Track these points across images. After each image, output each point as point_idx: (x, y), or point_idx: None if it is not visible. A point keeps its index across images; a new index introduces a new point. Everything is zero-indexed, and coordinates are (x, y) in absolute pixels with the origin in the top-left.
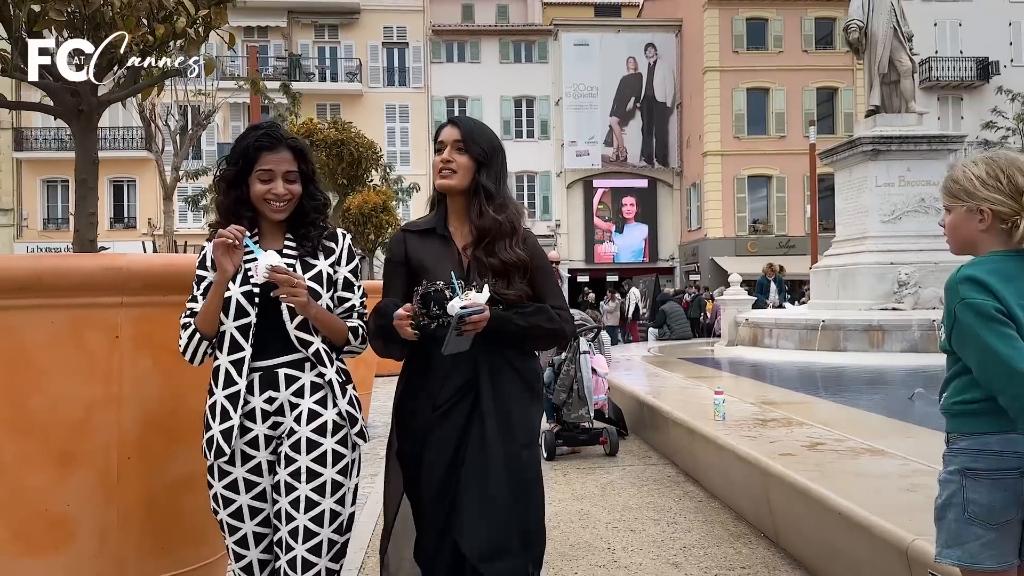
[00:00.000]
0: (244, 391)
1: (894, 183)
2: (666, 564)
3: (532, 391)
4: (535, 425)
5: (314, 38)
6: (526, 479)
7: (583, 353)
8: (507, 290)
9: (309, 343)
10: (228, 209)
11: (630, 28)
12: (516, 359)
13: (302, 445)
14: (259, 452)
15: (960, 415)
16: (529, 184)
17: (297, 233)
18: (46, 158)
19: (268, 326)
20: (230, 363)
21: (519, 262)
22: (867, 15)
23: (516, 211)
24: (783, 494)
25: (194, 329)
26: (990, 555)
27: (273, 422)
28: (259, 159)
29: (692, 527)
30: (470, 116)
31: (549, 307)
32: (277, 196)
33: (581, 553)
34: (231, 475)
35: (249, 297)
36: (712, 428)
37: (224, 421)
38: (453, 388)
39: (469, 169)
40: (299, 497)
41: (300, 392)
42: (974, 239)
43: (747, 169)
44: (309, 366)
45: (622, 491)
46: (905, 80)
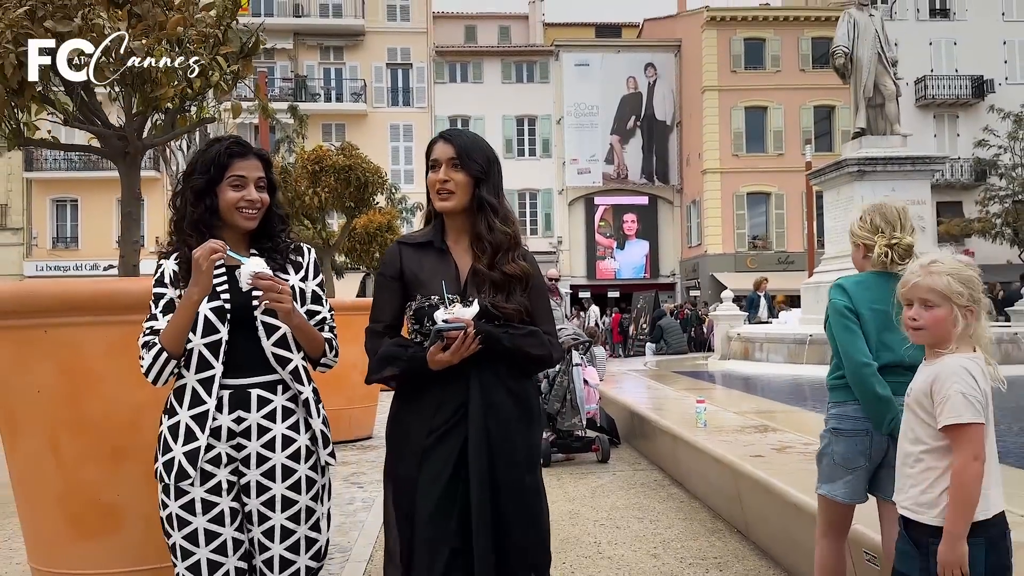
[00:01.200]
0: (213, 409)
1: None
2: (646, 555)
3: (528, 413)
4: (536, 448)
5: (319, 59)
6: (530, 504)
7: (575, 365)
8: (506, 304)
9: (288, 360)
10: (197, 221)
11: (630, 48)
12: (509, 379)
13: (277, 472)
14: (220, 470)
15: (833, 388)
16: (531, 201)
17: (262, 247)
18: (56, 178)
19: (241, 344)
20: (198, 382)
21: (522, 274)
22: (852, 41)
23: (517, 222)
24: (752, 491)
25: (160, 348)
26: (844, 492)
27: (238, 443)
28: (231, 166)
29: (672, 524)
30: (462, 129)
31: (541, 332)
32: (251, 203)
33: (569, 547)
34: (188, 495)
35: (219, 313)
36: (693, 434)
37: (189, 442)
38: (448, 411)
39: (467, 186)
40: (274, 526)
41: (271, 416)
42: (860, 265)
43: (746, 186)
44: (282, 388)
45: (611, 493)
46: (890, 103)
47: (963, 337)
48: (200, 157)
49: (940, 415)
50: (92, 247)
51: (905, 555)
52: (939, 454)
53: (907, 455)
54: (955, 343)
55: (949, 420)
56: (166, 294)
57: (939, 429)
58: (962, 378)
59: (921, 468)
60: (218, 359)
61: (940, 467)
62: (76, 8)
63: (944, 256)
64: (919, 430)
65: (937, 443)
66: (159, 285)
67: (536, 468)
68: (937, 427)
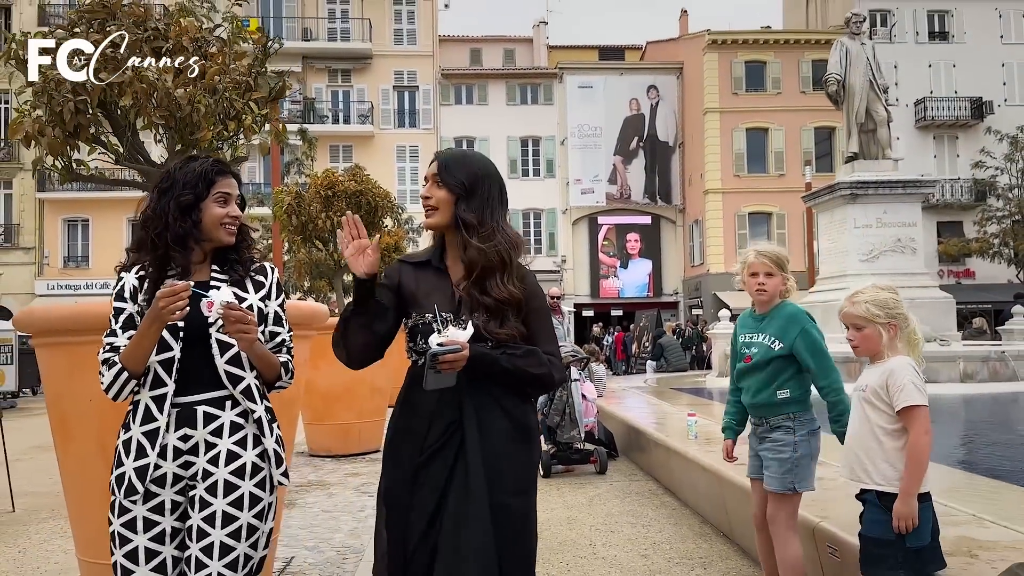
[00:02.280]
0: (163, 428)
1: (872, 224)
2: (637, 556)
3: (524, 434)
4: (530, 471)
5: (328, 82)
6: (515, 530)
7: (574, 381)
8: (500, 329)
9: (240, 378)
10: (181, 235)
11: (633, 71)
12: (505, 399)
13: (219, 488)
14: (164, 490)
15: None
16: (536, 221)
17: (223, 261)
18: (68, 198)
19: (192, 361)
20: (151, 399)
21: (512, 299)
22: (844, 69)
23: (509, 243)
24: (735, 496)
25: (121, 368)
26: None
27: (185, 461)
28: (216, 183)
29: (663, 528)
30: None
31: (540, 351)
32: (234, 219)
33: (567, 548)
34: (131, 512)
35: (173, 331)
36: (684, 446)
37: (140, 458)
38: (440, 429)
39: (448, 203)
40: (212, 543)
41: (218, 431)
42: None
43: (748, 206)
44: (230, 404)
45: (607, 502)
46: (881, 129)
47: (892, 345)
48: (182, 173)
49: (896, 400)
50: (102, 266)
51: (876, 521)
52: (895, 436)
53: (864, 441)
54: (887, 351)
55: (905, 403)
56: (126, 309)
57: (897, 412)
58: (910, 371)
59: (882, 450)
60: (171, 376)
61: (899, 446)
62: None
63: (865, 287)
64: (876, 418)
65: (893, 426)
66: (119, 299)
67: (528, 491)
68: (894, 411)
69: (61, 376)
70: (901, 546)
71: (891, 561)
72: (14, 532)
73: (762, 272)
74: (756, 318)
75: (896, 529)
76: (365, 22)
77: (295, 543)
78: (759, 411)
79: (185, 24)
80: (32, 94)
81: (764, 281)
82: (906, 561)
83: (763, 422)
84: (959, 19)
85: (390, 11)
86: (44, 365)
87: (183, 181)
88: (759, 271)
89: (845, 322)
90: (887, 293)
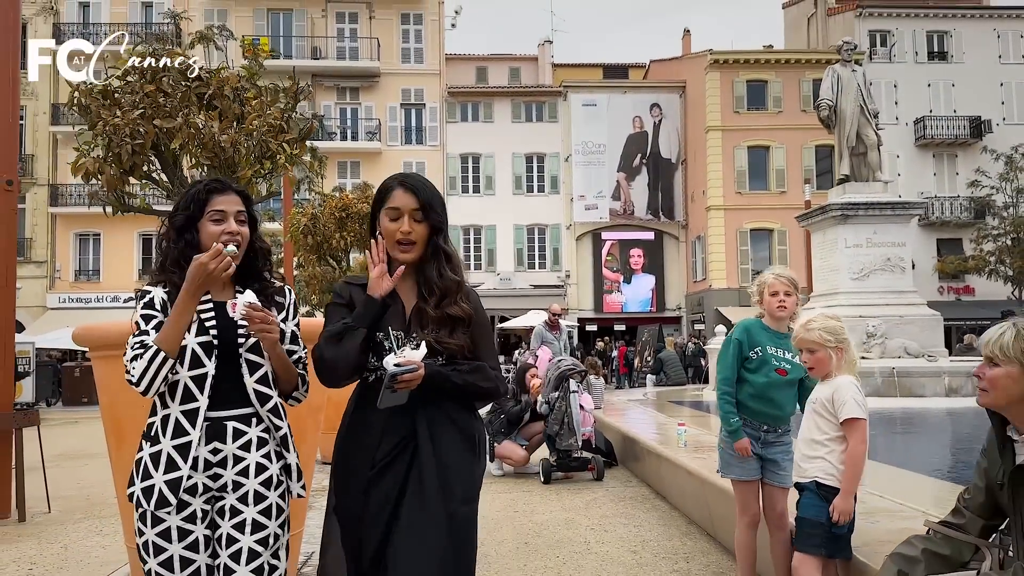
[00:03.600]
0: (195, 442)
1: (862, 244)
2: (627, 552)
3: (473, 446)
4: (476, 481)
5: (336, 100)
6: (461, 538)
7: (573, 392)
8: (449, 339)
9: (268, 397)
10: (179, 257)
11: (636, 89)
12: (455, 413)
13: (250, 497)
14: (195, 500)
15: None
16: (540, 236)
17: (249, 286)
18: (79, 213)
19: (223, 379)
20: (181, 413)
21: (464, 316)
22: (836, 95)
23: (462, 265)
24: (717, 497)
25: (157, 350)
26: None
27: (214, 473)
28: (210, 201)
29: (653, 528)
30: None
31: (487, 366)
32: (232, 235)
33: (563, 546)
34: (165, 523)
35: (207, 348)
36: (673, 452)
37: (170, 471)
38: (392, 443)
39: (426, 238)
40: (241, 549)
41: (247, 446)
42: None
43: (749, 223)
44: (256, 421)
45: (602, 505)
46: (872, 152)
47: (839, 365)
48: (182, 197)
49: (840, 413)
50: (113, 280)
51: (812, 505)
52: (837, 442)
53: (811, 444)
54: (835, 371)
55: (848, 415)
56: (157, 316)
57: (840, 423)
58: (853, 389)
59: (825, 451)
60: (203, 392)
61: (839, 450)
62: (177, 110)
63: (815, 316)
64: (823, 425)
65: (835, 434)
66: (149, 308)
67: (475, 500)
68: (838, 422)
69: (116, 385)
70: (828, 529)
71: (816, 540)
72: (53, 531)
73: (782, 291)
74: (777, 334)
75: (835, 520)
76: (373, 41)
77: (314, 541)
78: (779, 421)
79: (225, 75)
80: (92, 136)
81: (784, 300)
82: (827, 543)
83: (774, 430)
84: (958, 39)
85: (398, 30)
86: (100, 375)
87: (180, 203)
88: (779, 290)
89: (800, 347)
90: (834, 321)
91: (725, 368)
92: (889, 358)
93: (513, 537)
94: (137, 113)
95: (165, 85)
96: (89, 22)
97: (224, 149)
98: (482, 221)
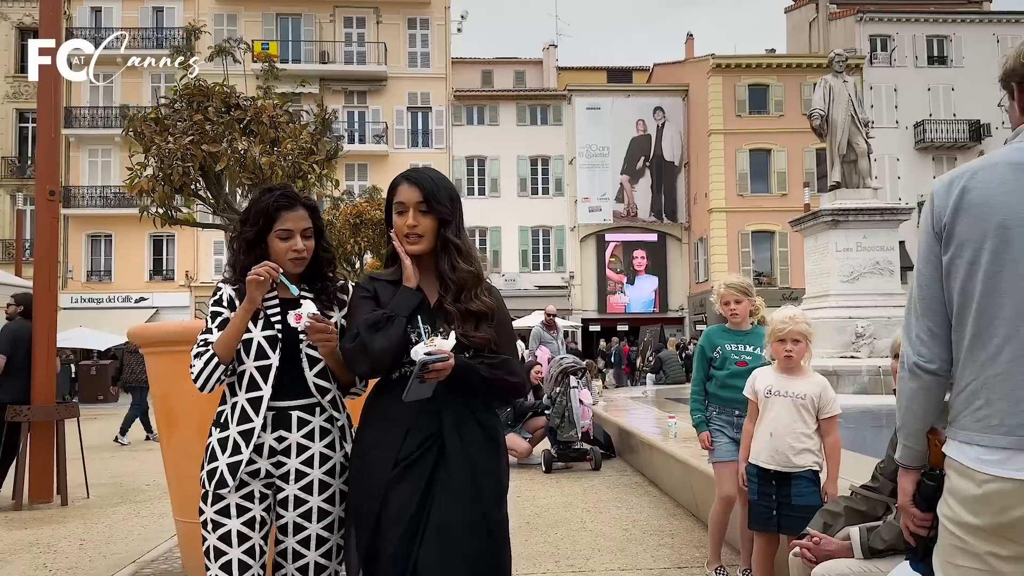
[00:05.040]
0: (258, 428)
1: (852, 248)
2: (619, 530)
3: (497, 446)
4: (503, 482)
5: (344, 103)
6: (498, 543)
7: (573, 388)
8: (475, 332)
9: (327, 390)
10: (245, 269)
11: (639, 93)
12: (480, 411)
13: (315, 487)
14: (254, 482)
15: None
16: (544, 238)
17: (313, 287)
18: (91, 214)
19: (286, 371)
20: (247, 401)
21: (487, 310)
22: (828, 104)
23: (480, 259)
24: (699, 481)
25: (212, 354)
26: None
27: (278, 460)
28: (278, 218)
29: (643, 510)
30: (425, 169)
31: (513, 361)
32: (298, 252)
33: (561, 525)
34: (224, 501)
35: (272, 341)
36: (663, 442)
37: (234, 455)
38: (416, 441)
39: (433, 229)
40: (310, 535)
41: (311, 435)
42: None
43: (751, 225)
44: (319, 411)
45: (599, 491)
46: (862, 160)
47: (808, 358)
48: (251, 207)
49: (829, 409)
50: (124, 280)
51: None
52: (816, 434)
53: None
54: (807, 363)
55: (835, 412)
56: (223, 313)
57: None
58: (832, 389)
59: (812, 444)
60: (267, 382)
61: (818, 440)
62: (223, 136)
63: (794, 311)
64: (808, 420)
65: (815, 427)
66: (217, 305)
67: (504, 502)
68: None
69: (169, 377)
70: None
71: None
72: (95, 514)
73: (732, 300)
74: (735, 332)
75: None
76: (381, 46)
77: None
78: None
79: (263, 104)
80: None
81: (735, 307)
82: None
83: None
84: (958, 44)
85: (405, 35)
86: (153, 369)
87: (251, 215)
88: (729, 300)
89: (789, 337)
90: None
91: (695, 372)
92: (877, 358)
93: (516, 518)
94: (188, 139)
95: (211, 114)
96: (101, 26)
97: (263, 170)
98: (487, 223)
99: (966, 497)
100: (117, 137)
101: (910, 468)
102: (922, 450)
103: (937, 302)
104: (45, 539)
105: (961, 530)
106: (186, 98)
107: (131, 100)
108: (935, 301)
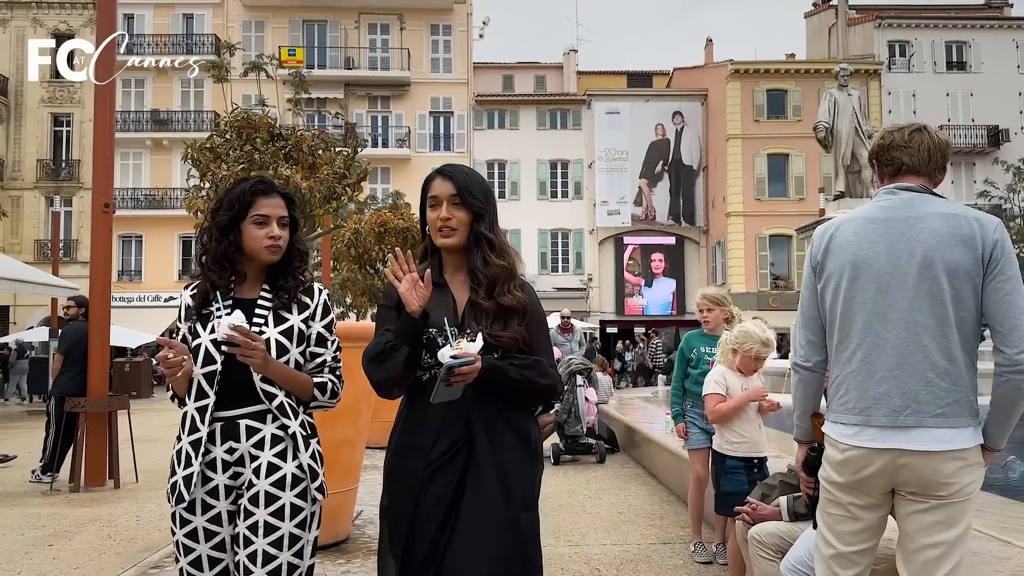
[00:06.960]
0: (206, 439)
1: None
2: (614, 513)
3: (529, 448)
4: (535, 485)
5: (368, 108)
6: (528, 548)
7: (579, 386)
8: (503, 332)
9: (273, 395)
10: (220, 256)
11: (658, 97)
12: (511, 413)
13: (260, 498)
14: (219, 502)
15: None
16: (564, 241)
17: (275, 284)
18: (123, 216)
19: (234, 376)
20: (195, 410)
21: (519, 306)
22: (832, 117)
23: (514, 254)
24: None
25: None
26: None
27: (233, 472)
28: (255, 203)
29: (639, 497)
30: (460, 165)
31: (544, 362)
32: (274, 239)
33: (563, 509)
34: (191, 524)
35: (217, 345)
36: (660, 436)
37: (187, 467)
38: (446, 443)
39: (467, 223)
40: (256, 551)
41: (260, 444)
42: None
43: (768, 228)
44: (271, 418)
45: (601, 481)
46: (865, 171)
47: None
48: (227, 194)
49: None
50: (155, 280)
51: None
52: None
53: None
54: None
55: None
56: (181, 329)
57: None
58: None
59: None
60: (212, 388)
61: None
62: (268, 164)
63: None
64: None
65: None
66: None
67: (535, 506)
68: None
69: None
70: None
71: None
72: (145, 495)
73: (704, 309)
74: (709, 336)
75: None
76: (404, 52)
77: (362, 502)
78: None
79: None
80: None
81: (707, 316)
82: None
83: None
84: (976, 49)
85: (428, 41)
86: None
87: (224, 202)
88: (703, 308)
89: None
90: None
91: (676, 370)
92: None
93: None
94: (239, 167)
95: (258, 144)
96: (133, 33)
97: (303, 193)
98: (507, 225)
99: (834, 462)
100: (148, 140)
101: (801, 442)
102: (807, 428)
103: (813, 319)
104: (105, 516)
105: (831, 486)
106: (236, 128)
107: (162, 105)
108: (812, 318)
